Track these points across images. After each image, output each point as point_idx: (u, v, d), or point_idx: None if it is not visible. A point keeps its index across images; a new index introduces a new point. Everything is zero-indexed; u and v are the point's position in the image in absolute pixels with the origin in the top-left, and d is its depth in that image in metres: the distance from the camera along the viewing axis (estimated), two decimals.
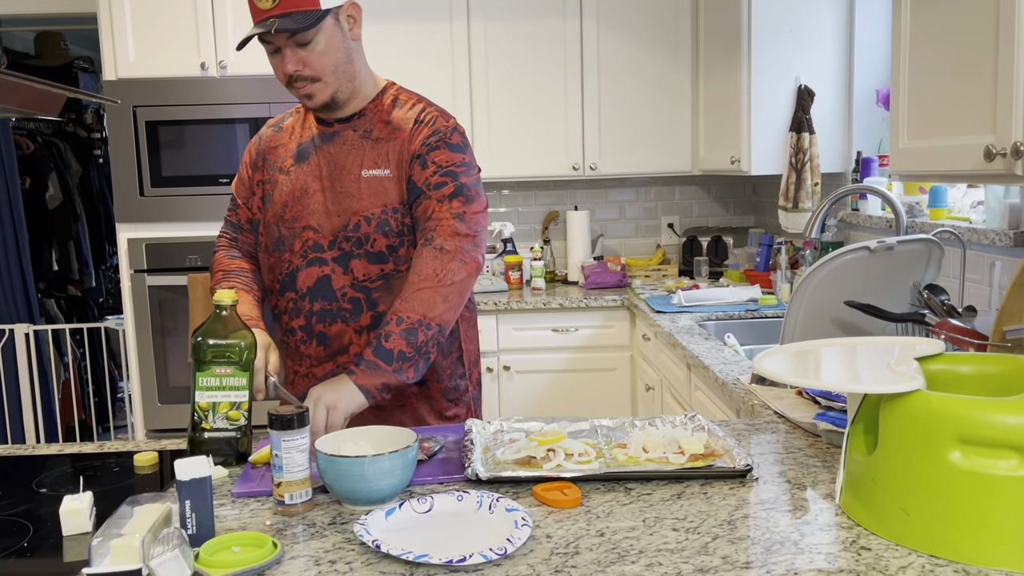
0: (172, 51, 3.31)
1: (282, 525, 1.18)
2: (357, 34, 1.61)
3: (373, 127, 1.65)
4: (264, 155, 1.73)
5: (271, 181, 1.70)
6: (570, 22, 3.65)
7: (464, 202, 1.59)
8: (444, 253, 1.54)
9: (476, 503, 1.18)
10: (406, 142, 1.62)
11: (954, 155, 1.60)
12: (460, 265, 1.55)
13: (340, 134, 1.65)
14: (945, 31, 1.64)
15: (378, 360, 1.46)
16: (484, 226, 1.62)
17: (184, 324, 3.40)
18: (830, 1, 3.06)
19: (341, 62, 1.58)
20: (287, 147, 1.70)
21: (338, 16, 1.56)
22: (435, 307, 1.51)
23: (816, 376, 1.18)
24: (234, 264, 1.75)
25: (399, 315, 1.50)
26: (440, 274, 1.53)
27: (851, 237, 3.03)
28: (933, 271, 1.97)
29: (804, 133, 3.02)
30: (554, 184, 4.08)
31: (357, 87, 1.64)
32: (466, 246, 1.56)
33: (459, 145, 1.63)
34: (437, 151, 1.60)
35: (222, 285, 1.70)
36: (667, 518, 1.15)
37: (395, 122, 1.64)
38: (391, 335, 1.48)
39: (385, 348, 1.47)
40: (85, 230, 4.82)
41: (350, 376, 1.45)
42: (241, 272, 1.74)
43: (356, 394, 1.44)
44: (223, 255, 1.77)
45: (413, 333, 1.49)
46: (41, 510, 1.29)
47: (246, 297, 1.68)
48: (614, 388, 3.48)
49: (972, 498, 0.99)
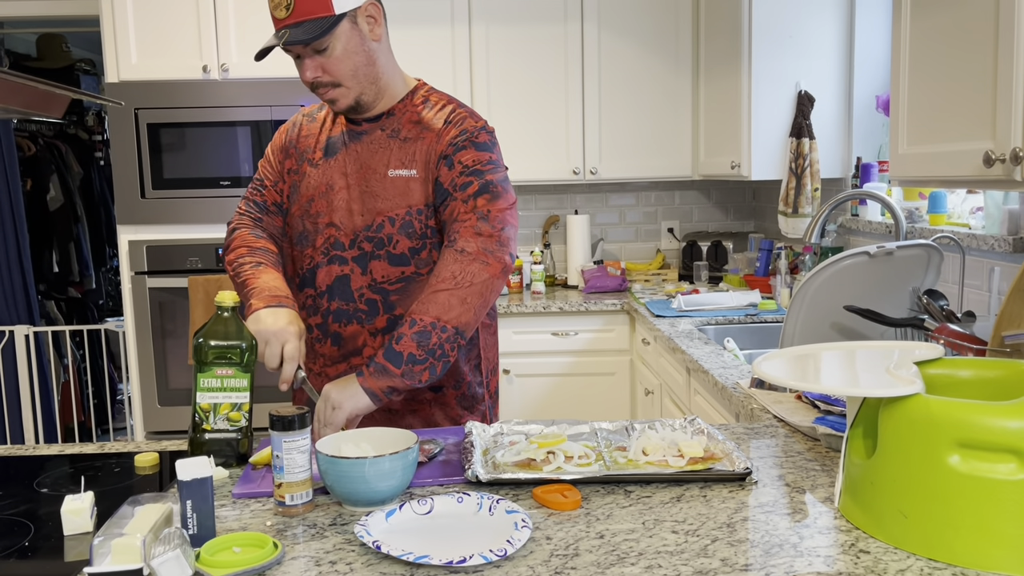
0: (174, 54, 3.32)
1: (283, 526, 1.18)
2: (379, 34, 1.57)
3: (402, 127, 1.63)
4: (296, 143, 1.70)
5: (299, 172, 1.68)
6: (571, 26, 3.66)
7: (490, 199, 1.55)
8: (464, 255, 1.52)
9: (476, 505, 1.18)
10: (434, 142, 1.60)
11: (953, 161, 1.60)
12: (481, 267, 1.51)
13: (368, 133, 1.63)
14: (945, 37, 1.65)
15: (387, 363, 1.46)
16: (511, 223, 1.57)
17: (184, 326, 3.41)
18: (830, 7, 3.07)
19: (361, 65, 1.56)
20: (318, 139, 1.68)
21: (356, 19, 1.53)
22: (451, 309, 1.48)
23: (815, 380, 1.18)
24: (259, 243, 1.67)
25: (412, 317, 1.48)
26: (458, 276, 1.50)
27: (851, 242, 3.03)
28: (932, 276, 1.98)
29: (804, 138, 3.03)
30: (554, 188, 4.09)
31: (382, 88, 1.61)
32: (489, 246, 1.53)
33: (486, 144, 1.60)
34: (464, 151, 1.58)
35: (245, 258, 1.63)
36: (667, 521, 1.16)
37: (424, 122, 1.62)
38: (402, 337, 1.47)
39: (395, 350, 1.46)
40: (86, 232, 4.83)
41: (358, 377, 1.46)
42: (266, 251, 1.66)
43: (361, 396, 1.44)
44: (246, 232, 1.69)
45: (426, 335, 1.47)
46: (42, 510, 1.29)
47: (277, 274, 1.61)
48: (614, 392, 3.48)
49: (970, 502, 1.00)
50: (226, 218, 3.37)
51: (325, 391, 1.45)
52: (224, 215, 3.37)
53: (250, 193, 1.73)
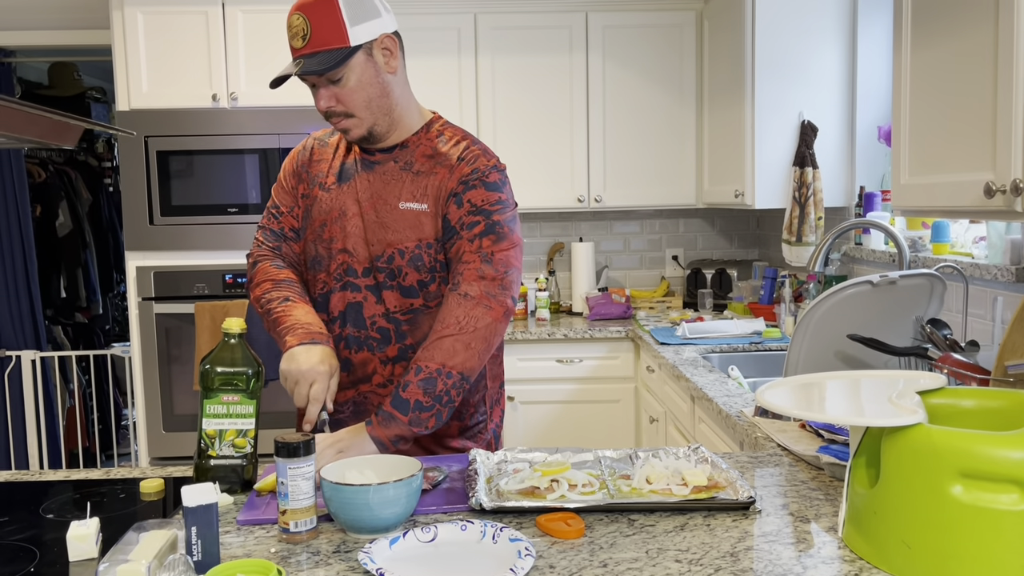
0: (184, 82, 3.37)
1: (287, 553, 1.18)
2: (394, 67, 1.58)
3: (415, 160, 1.63)
4: (307, 167, 1.70)
5: (311, 196, 1.68)
6: (576, 57, 3.70)
7: (494, 240, 1.56)
8: (468, 299, 1.53)
9: (480, 533, 1.19)
10: (446, 178, 1.60)
11: (955, 191, 1.61)
12: (484, 311, 1.53)
13: (381, 164, 1.64)
14: (945, 69, 1.67)
15: (394, 411, 1.47)
16: (515, 265, 1.58)
17: (190, 352, 3.42)
18: (832, 38, 3.10)
19: (375, 97, 1.56)
20: (330, 164, 1.68)
21: (371, 51, 1.54)
22: (456, 355, 1.50)
23: (819, 409, 1.19)
24: (283, 274, 1.67)
25: (419, 364, 1.50)
26: (462, 321, 1.51)
27: (854, 271, 3.04)
28: (936, 305, 1.98)
29: (807, 168, 3.05)
30: (559, 216, 4.11)
31: (396, 119, 1.62)
32: (492, 290, 1.54)
33: (496, 184, 1.60)
34: (473, 190, 1.58)
35: (271, 293, 1.64)
36: (670, 549, 1.16)
37: (437, 157, 1.62)
38: (408, 384, 1.48)
39: (402, 398, 1.47)
40: (93, 258, 4.86)
41: (367, 427, 1.47)
42: (291, 283, 1.67)
43: (368, 444, 1.45)
44: (268, 264, 1.69)
45: (432, 382, 1.48)
46: (47, 535, 1.30)
47: (308, 307, 1.63)
48: (618, 419, 3.48)
49: (973, 532, 1.00)
50: (233, 245, 3.39)
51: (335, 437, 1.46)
52: (231, 242, 3.39)
53: (265, 221, 1.73)
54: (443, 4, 3.63)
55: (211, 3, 3.33)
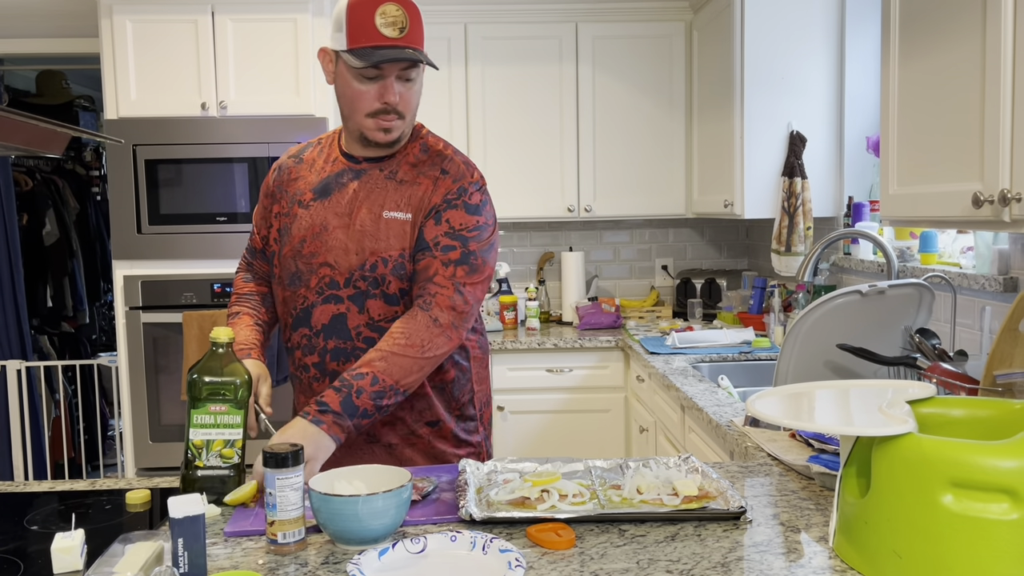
0: (173, 91, 3.36)
1: (275, 564, 1.17)
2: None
3: (399, 169, 1.65)
4: (283, 186, 1.73)
5: (289, 214, 1.70)
6: (566, 67, 3.71)
7: (468, 271, 1.58)
8: (436, 325, 1.55)
9: (470, 543, 1.18)
10: (429, 190, 1.61)
11: (943, 202, 1.62)
12: (445, 340, 1.56)
13: (367, 172, 1.65)
14: (932, 80, 1.68)
15: (344, 413, 1.47)
16: (480, 298, 1.62)
17: (178, 362, 3.40)
18: (821, 50, 3.12)
19: (417, 105, 1.64)
20: (307, 180, 1.70)
21: None
22: (409, 375, 1.53)
23: (809, 418, 1.19)
24: (246, 288, 1.79)
25: (375, 374, 1.50)
26: (426, 345, 1.53)
27: (843, 281, 3.05)
28: (924, 315, 1.99)
29: (796, 178, 3.07)
30: (549, 225, 4.12)
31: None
32: (457, 321, 1.57)
33: (477, 206, 1.62)
34: (454, 210, 1.60)
35: (231, 308, 1.75)
36: (661, 560, 1.15)
37: (420, 166, 1.64)
38: (362, 392, 1.48)
39: (353, 403, 1.47)
40: (80, 267, 4.83)
41: (320, 427, 1.44)
42: (251, 296, 1.78)
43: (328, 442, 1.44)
44: (239, 278, 1.82)
45: (382, 396, 1.50)
46: (32, 547, 1.28)
47: (248, 321, 1.71)
48: (608, 429, 3.47)
49: (964, 541, 1.00)
50: (222, 254, 3.39)
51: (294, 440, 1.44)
52: (220, 251, 3.38)
53: (249, 238, 1.84)
54: (434, 14, 3.64)
55: (201, 12, 3.32)
